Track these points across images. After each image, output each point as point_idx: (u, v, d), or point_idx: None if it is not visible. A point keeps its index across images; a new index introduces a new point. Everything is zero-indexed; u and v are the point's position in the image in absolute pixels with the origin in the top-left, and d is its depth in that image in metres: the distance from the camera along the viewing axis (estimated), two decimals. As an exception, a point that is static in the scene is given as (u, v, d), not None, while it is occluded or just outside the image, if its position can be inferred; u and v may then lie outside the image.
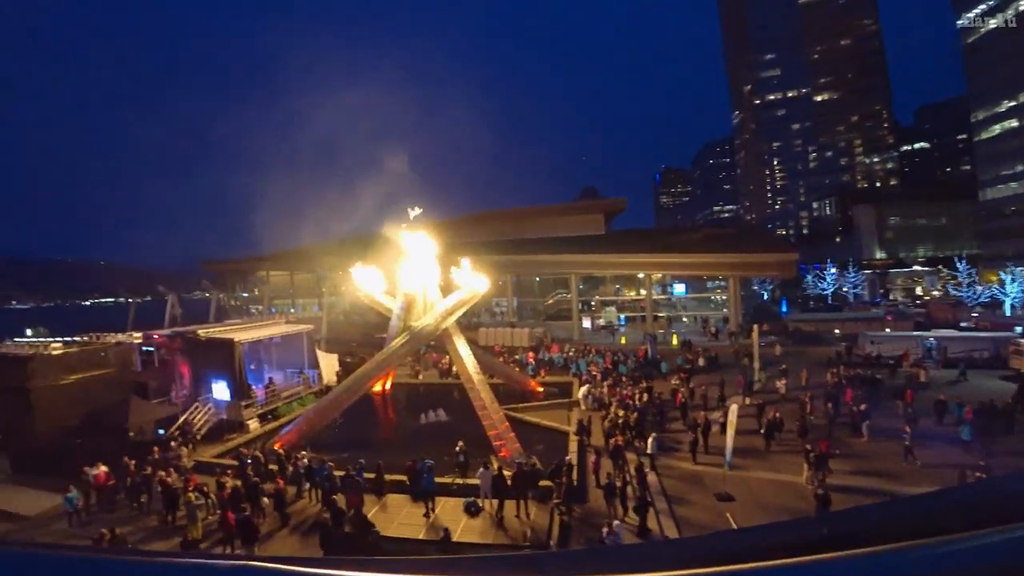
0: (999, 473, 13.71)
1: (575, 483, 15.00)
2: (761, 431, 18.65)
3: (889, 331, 37.81)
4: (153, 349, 25.93)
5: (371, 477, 14.81)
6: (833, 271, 71.27)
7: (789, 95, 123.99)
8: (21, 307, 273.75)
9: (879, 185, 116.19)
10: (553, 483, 14.12)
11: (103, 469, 15.58)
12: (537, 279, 56.66)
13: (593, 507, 14.37)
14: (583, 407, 23.38)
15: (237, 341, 22.80)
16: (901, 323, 42.81)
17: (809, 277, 73.65)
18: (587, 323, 50.43)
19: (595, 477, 15.63)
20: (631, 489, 14.39)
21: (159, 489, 14.45)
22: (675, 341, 41.97)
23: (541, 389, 26.67)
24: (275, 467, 16.00)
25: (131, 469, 15.71)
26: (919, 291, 73.01)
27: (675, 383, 25.54)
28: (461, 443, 16.33)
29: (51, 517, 14.87)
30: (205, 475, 16.05)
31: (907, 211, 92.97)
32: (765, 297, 71.45)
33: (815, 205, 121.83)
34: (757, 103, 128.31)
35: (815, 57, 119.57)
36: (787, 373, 25.63)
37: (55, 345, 20.89)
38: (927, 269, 76.73)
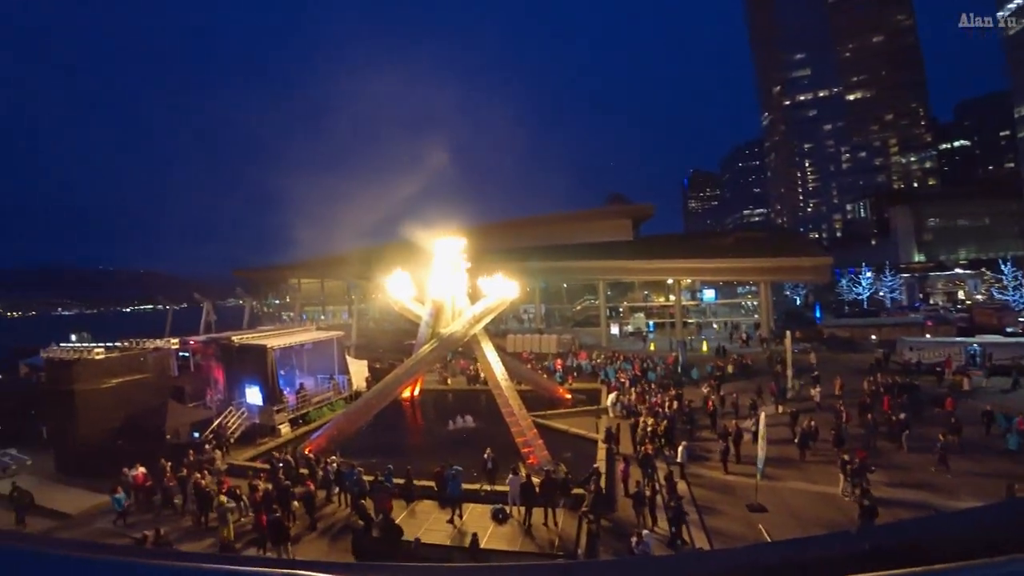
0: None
1: (603, 491, 14.83)
2: (795, 440, 18.18)
3: (929, 337, 36.34)
4: (189, 354, 26.74)
5: (400, 482, 14.92)
6: (869, 275, 68.83)
7: (820, 95, 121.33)
8: (67, 313, 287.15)
9: (916, 185, 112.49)
10: (583, 491, 13.99)
11: (141, 470, 16.14)
12: (565, 285, 56.54)
13: (621, 516, 14.16)
14: (611, 414, 23.19)
15: (270, 347, 23.31)
16: (942, 328, 41.03)
17: (844, 281, 71.32)
18: (615, 329, 49.96)
19: (623, 486, 15.39)
20: (660, 498, 14.13)
21: (193, 491, 14.84)
22: (704, 347, 41.24)
23: (569, 396, 26.54)
24: (305, 471, 16.26)
25: (168, 471, 16.18)
26: (961, 295, 69.92)
27: (705, 390, 25.13)
28: (489, 450, 16.35)
29: (93, 515, 15.42)
30: (238, 478, 16.39)
31: (947, 211, 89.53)
32: (797, 302, 69.47)
33: (849, 207, 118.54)
34: (787, 104, 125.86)
35: (846, 55, 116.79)
36: (819, 380, 24.94)
37: (97, 350, 21.67)
38: (969, 272, 73.35)
